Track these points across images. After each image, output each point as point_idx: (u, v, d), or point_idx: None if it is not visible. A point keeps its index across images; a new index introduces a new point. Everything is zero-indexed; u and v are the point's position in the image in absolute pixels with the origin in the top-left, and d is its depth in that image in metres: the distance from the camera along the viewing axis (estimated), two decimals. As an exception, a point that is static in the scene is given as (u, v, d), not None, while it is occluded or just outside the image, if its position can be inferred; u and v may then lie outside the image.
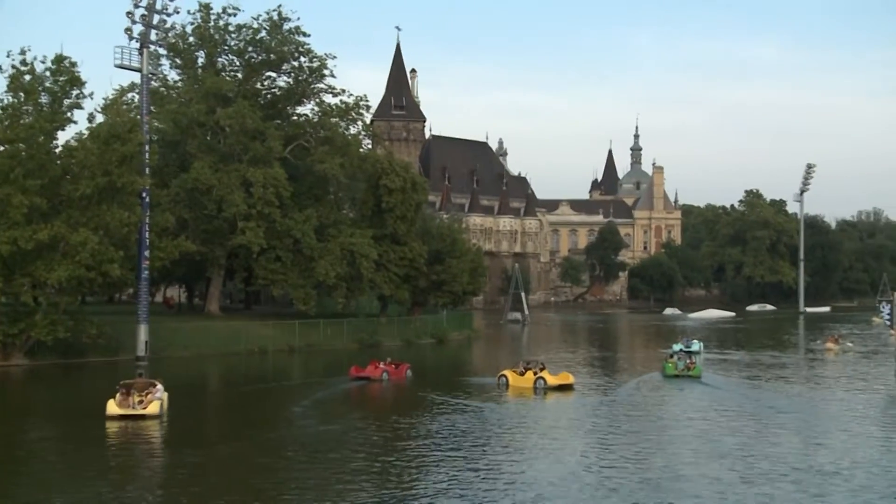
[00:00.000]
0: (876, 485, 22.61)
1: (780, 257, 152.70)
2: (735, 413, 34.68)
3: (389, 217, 65.23)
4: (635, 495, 21.41)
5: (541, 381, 39.41)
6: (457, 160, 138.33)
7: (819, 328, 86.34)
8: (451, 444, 27.54)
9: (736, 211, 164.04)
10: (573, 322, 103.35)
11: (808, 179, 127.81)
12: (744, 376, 46.94)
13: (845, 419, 33.18)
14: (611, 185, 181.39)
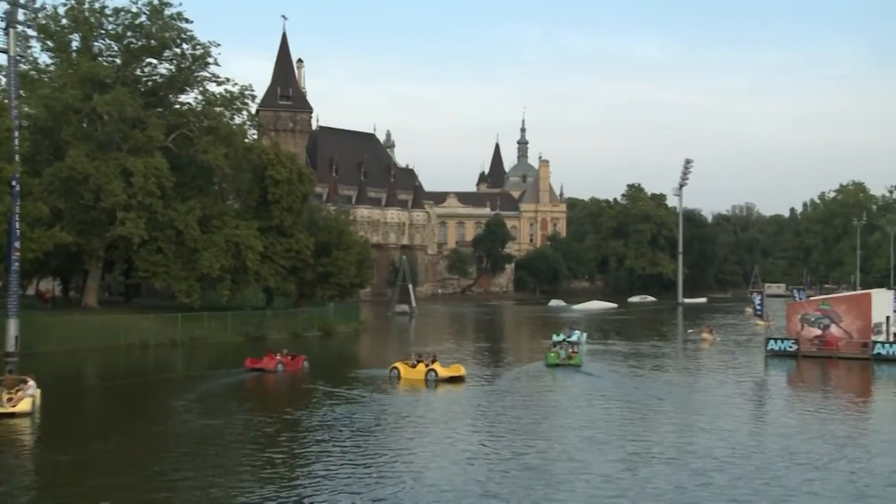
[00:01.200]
0: (747, 466, 23.62)
1: (660, 250, 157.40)
2: (615, 400, 35.67)
3: (275, 208, 64.31)
4: (521, 483, 21.73)
5: (432, 372, 39.55)
6: (344, 151, 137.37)
7: (696, 319, 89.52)
8: (338, 436, 27.41)
9: (619, 204, 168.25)
10: (460, 314, 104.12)
11: (686, 174, 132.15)
12: (624, 365, 48.24)
13: (719, 405, 34.55)
14: (498, 178, 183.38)
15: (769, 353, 51.58)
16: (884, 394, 40.33)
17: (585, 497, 20.61)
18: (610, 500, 20.41)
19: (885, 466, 24.01)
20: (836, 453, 25.36)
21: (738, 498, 20.50)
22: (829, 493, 21.03)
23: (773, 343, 52.28)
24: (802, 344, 51.16)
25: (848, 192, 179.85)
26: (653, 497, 20.61)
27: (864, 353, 49.48)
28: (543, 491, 21.08)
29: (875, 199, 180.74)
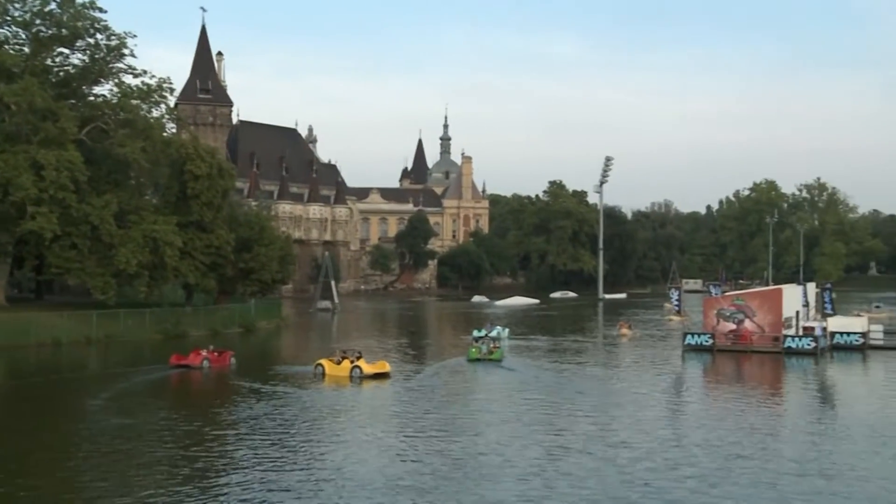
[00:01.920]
0: (666, 456, 24.12)
1: (581, 246, 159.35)
2: (536, 395, 36.04)
3: (195, 204, 63.16)
4: (446, 477, 21.77)
5: (357, 369, 39.49)
6: (266, 146, 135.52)
7: (616, 314, 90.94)
8: (262, 433, 27.19)
9: (541, 201, 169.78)
10: (383, 310, 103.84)
11: (606, 172, 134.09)
12: (544, 360, 48.75)
13: (638, 398, 35.19)
14: (421, 175, 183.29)
15: (686, 347, 52.67)
16: (794, 385, 41.57)
17: (510, 490, 20.75)
18: (534, 492, 20.58)
19: (796, 453, 24.79)
20: (751, 442, 26.09)
21: (659, 488, 20.89)
22: (746, 481, 21.62)
23: (689, 338, 53.39)
24: (718, 338, 52.38)
25: (761, 190, 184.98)
26: (576, 489, 20.86)
27: (775, 346, 50.95)
28: (468, 485, 21.16)
29: (786, 197, 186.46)
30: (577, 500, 20.00)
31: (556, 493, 20.57)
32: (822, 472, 22.75)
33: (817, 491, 21.10)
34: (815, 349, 49.82)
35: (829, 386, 41.24)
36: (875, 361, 49.20)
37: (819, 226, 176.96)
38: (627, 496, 20.33)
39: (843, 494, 20.66)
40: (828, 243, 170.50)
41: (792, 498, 20.38)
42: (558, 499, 20.14)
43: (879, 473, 22.64)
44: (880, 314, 79.60)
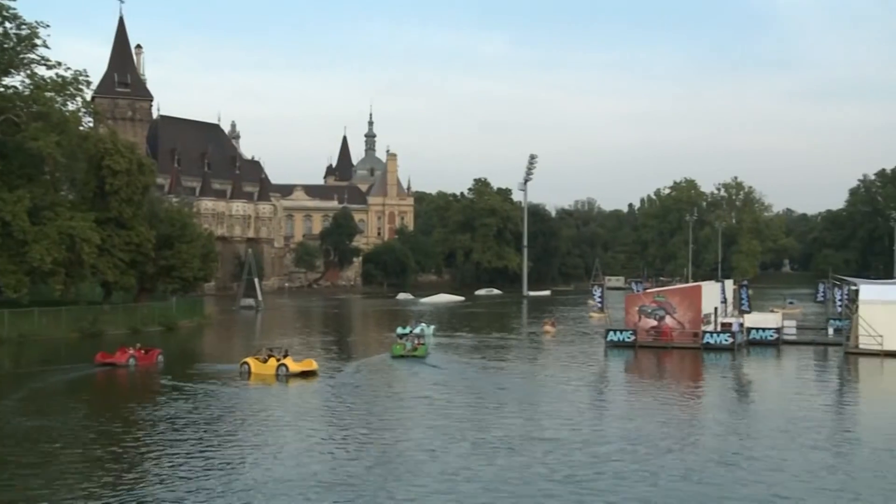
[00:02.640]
0: (589, 449, 24.44)
1: (505, 243, 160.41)
2: (460, 391, 36.24)
3: (114, 200, 61.69)
4: (372, 474, 21.67)
5: (283, 367, 39.15)
6: (187, 142, 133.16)
7: (540, 311, 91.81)
8: (185, 432, 26.82)
9: (466, 199, 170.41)
10: (308, 308, 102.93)
11: (531, 170, 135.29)
12: (469, 357, 48.99)
13: (561, 393, 35.59)
14: (345, 171, 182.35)
15: (609, 343, 53.43)
16: (713, 380, 42.51)
17: (436, 486, 20.75)
18: (459, 487, 20.63)
19: (716, 444, 25.37)
20: (672, 435, 26.61)
21: (583, 480, 21.14)
22: (667, 472, 22.06)
23: (612, 334, 54.14)
24: (640, 334, 53.26)
25: (681, 189, 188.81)
26: (502, 483, 20.95)
27: (695, 342, 52.05)
28: (393, 482, 21.09)
29: (705, 196, 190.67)
30: (502, 495, 20.10)
31: (482, 488, 20.65)
32: (741, 463, 23.36)
33: (738, 480, 21.66)
34: (733, 345, 51.09)
35: (746, 380, 42.33)
36: (788, 356, 50.70)
37: (736, 224, 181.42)
38: (552, 489, 20.52)
39: (764, 483, 21.21)
40: (744, 241, 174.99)
41: (713, 487, 20.84)
42: (484, 494, 20.21)
43: (795, 463, 23.31)
44: (793, 310, 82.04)
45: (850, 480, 21.84)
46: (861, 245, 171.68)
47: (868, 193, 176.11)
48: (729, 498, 20.13)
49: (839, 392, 38.83)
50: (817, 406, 33.51)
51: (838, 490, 20.79)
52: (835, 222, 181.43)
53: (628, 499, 19.92)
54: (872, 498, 20.17)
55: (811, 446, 25.58)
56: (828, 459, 24.13)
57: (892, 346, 47.59)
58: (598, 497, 20.04)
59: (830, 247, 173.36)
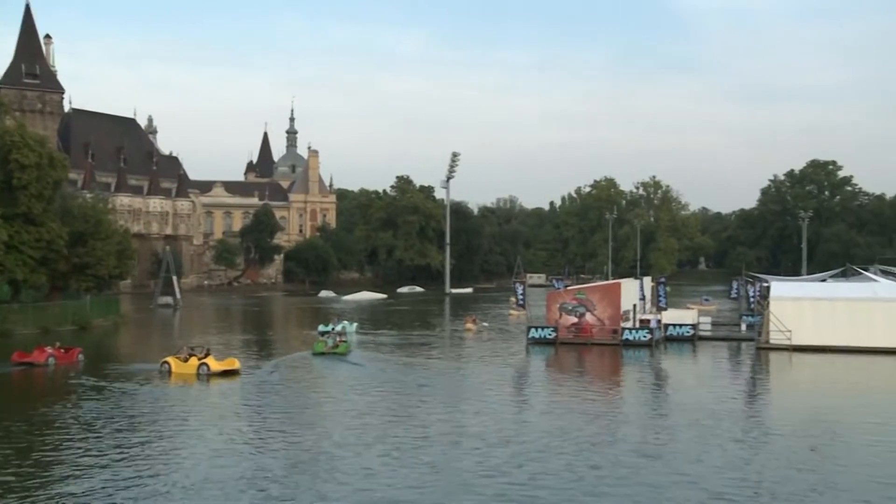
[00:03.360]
0: (509, 444, 24.61)
1: (428, 241, 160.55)
2: (382, 388, 36.15)
3: (22, 195, 59.57)
4: (294, 474, 21.45)
5: (204, 366, 38.53)
6: (101, 136, 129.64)
7: (462, 308, 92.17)
8: (101, 432, 26.26)
9: (388, 196, 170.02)
10: (228, 306, 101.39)
11: (453, 167, 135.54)
12: (391, 354, 48.93)
13: (483, 390, 35.76)
14: (266, 168, 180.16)
15: (530, 340, 53.86)
16: (631, 375, 43.24)
17: (358, 484, 20.62)
18: (381, 485, 20.55)
19: (637, 438, 25.82)
20: (593, 429, 26.99)
21: (506, 476, 21.23)
22: (590, 466, 22.37)
23: (533, 331, 54.60)
24: (560, 331, 53.84)
25: (601, 187, 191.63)
26: (426, 480, 20.93)
27: (614, 339, 52.85)
28: (316, 481, 20.90)
29: (624, 194, 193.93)
30: (426, 492, 20.08)
31: (406, 485, 20.60)
32: (662, 455, 23.85)
33: (659, 472, 22.12)
34: (651, 341, 52.04)
35: (664, 375, 43.15)
36: (703, 351, 51.91)
37: (654, 222, 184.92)
38: (476, 485, 20.58)
39: (684, 474, 21.71)
40: (662, 239, 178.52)
41: (636, 480, 21.21)
42: (408, 491, 20.17)
43: (713, 454, 23.85)
44: (709, 307, 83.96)
45: (764, 470, 22.45)
46: (772, 243, 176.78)
47: (778, 193, 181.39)
48: (652, 489, 20.47)
49: (751, 385, 40.00)
50: (731, 399, 34.36)
51: (754, 479, 21.33)
52: (747, 221, 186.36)
53: (552, 492, 20.10)
54: (783, 486, 20.75)
55: (727, 438, 26.28)
56: (743, 450, 24.80)
57: (801, 340, 49.13)
58: (521, 492, 20.16)
59: (743, 245, 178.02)
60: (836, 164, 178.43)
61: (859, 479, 21.65)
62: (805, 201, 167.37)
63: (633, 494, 20.12)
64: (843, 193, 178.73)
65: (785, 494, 20.11)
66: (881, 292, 52.22)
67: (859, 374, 42.49)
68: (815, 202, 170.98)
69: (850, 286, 56.80)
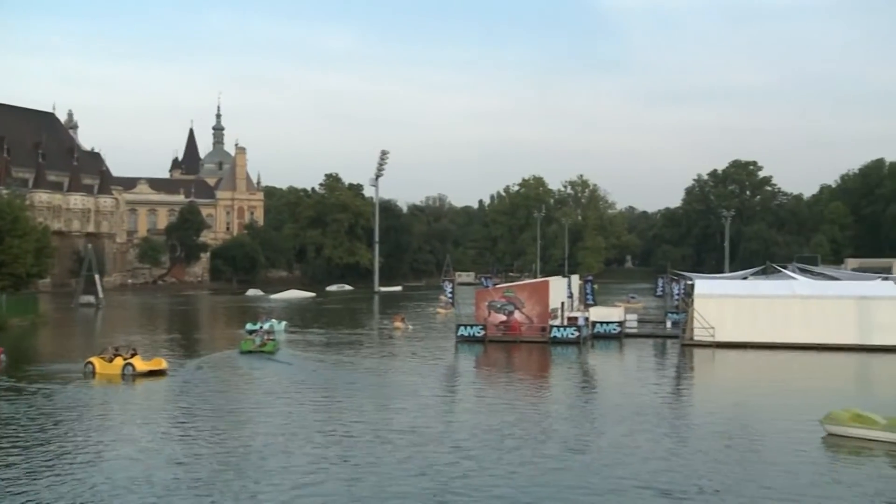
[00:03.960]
0: (439, 442, 24.63)
1: (357, 239, 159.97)
2: (310, 387, 35.92)
3: (-66, 190, 57.67)
4: (221, 476, 21.10)
5: (129, 367, 37.73)
6: (18, 131, 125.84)
7: (392, 306, 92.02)
8: (18, 435, 25.37)
9: (317, 194, 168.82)
10: (153, 304, 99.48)
11: (382, 165, 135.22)
12: (320, 353, 48.65)
13: (412, 388, 35.77)
14: (192, 165, 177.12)
15: (459, 338, 54.00)
16: (559, 373, 43.69)
17: (288, 485, 20.39)
18: (311, 484, 20.38)
19: (567, 434, 26.05)
20: (523, 426, 27.17)
21: (437, 473, 21.23)
22: (521, 462, 22.49)
23: (462, 329, 54.75)
24: (489, 329, 54.09)
25: (529, 186, 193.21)
26: (355, 479, 20.79)
27: (542, 336, 53.29)
28: (245, 482, 20.61)
29: (552, 193, 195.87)
30: (356, 489, 19.97)
31: (335, 485, 20.47)
32: (592, 450, 24.16)
33: (589, 466, 22.43)
34: (579, 338, 52.64)
35: (592, 372, 43.70)
36: (630, 348, 52.73)
37: (582, 221, 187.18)
38: (406, 484, 20.52)
39: (615, 467, 22.00)
40: (590, 237, 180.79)
41: (568, 475, 21.44)
42: (335, 490, 20.02)
43: (642, 449, 24.21)
44: (635, 304, 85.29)
45: (690, 461, 22.92)
46: (696, 241, 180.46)
47: (702, 192, 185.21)
48: (583, 484, 20.69)
49: (676, 381, 40.77)
50: (657, 394, 34.95)
51: (680, 472, 21.72)
52: (672, 220, 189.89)
53: (483, 489, 20.14)
54: (709, 477, 21.21)
55: (655, 432, 26.73)
56: (669, 443, 25.30)
57: (723, 337, 50.25)
58: (452, 489, 20.16)
59: (668, 243, 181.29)
60: (756, 165, 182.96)
61: (774, 472, 22.21)
62: (727, 200, 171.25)
63: (564, 489, 20.29)
64: (764, 193, 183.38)
65: (713, 485, 20.54)
66: (799, 290, 53.73)
67: (778, 369, 43.64)
68: (738, 201, 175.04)
69: (770, 284, 58.29)
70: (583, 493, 20.12)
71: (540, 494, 19.97)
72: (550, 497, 19.80)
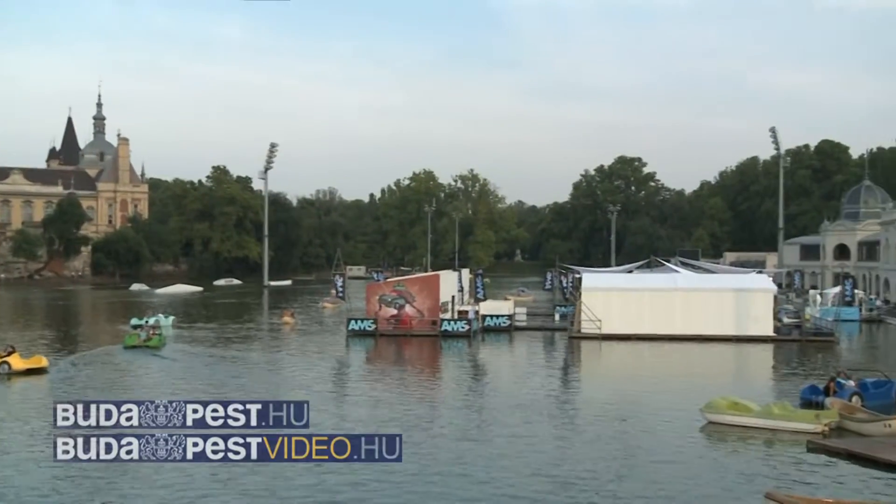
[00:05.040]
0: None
1: (246, 233, 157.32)
2: (197, 383, 35.39)
3: None
4: (96, 479, 20.40)
5: (4, 365, 36.19)
6: None
7: (282, 301, 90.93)
8: None
9: (203, 186, 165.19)
10: (28, 300, 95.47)
11: (271, 158, 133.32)
12: (207, 348, 47.74)
13: (301, 383, 35.56)
14: (72, 155, 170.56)
15: (350, 332, 53.76)
16: (451, 366, 44.02)
17: (166, 482, 19.94)
18: (195, 479, 20.00)
19: (459, 425, 26.30)
20: (417, 418, 27.27)
21: (329, 468, 21.01)
22: (416, 454, 22.40)
23: (353, 323, 54.52)
24: (380, 323, 54.01)
25: (420, 180, 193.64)
26: (243, 475, 20.42)
27: (433, 330, 53.56)
28: (124, 481, 20.04)
29: (443, 187, 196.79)
30: (242, 487, 19.66)
31: (217, 480, 20.10)
32: (486, 440, 24.50)
33: (481, 455, 22.79)
34: (469, 332, 53.11)
35: (482, 364, 44.19)
36: (520, 341, 53.55)
37: (472, 215, 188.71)
38: (294, 478, 20.34)
39: (509, 459, 22.27)
40: (480, 231, 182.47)
41: (465, 466, 21.62)
42: (221, 487, 19.67)
43: (534, 439, 24.62)
44: (525, 298, 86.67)
45: (581, 450, 23.49)
46: (583, 235, 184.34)
47: (589, 187, 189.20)
48: (478, 473, 20.88)
49: (564, 373, 41.63)
50: (547, 386, 35.58)
51: (572, 459, 22.16)
52: (560, 214, 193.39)
53: (378, 482, 20.10)
54: (601, 464, 21.72)
55: (543, 421, 27.40)
56: (560, 433, 25.94)
57: (610, 329, 51.57)
58: (344, 480, 20.05)
59: (557, 237, 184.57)
60: (641, 161, 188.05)
61: (660, 459, 22.92)
62: (613, 196, 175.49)
63: (459, 479, 20.45)
64: (648, 189, 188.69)
65: (598, 472, 21.05)
66: (681, 283, 55.52)
67: (661, 360, 45.08)
68: (623, 196, 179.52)
69: (653, 277, 60.04)
70: (476, 482, 20.32)
71: (433, 485, 20.05)
72: (446, 485, 19.92)
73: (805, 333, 53.34)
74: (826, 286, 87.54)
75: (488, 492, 19.82)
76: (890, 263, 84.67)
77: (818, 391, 30.45)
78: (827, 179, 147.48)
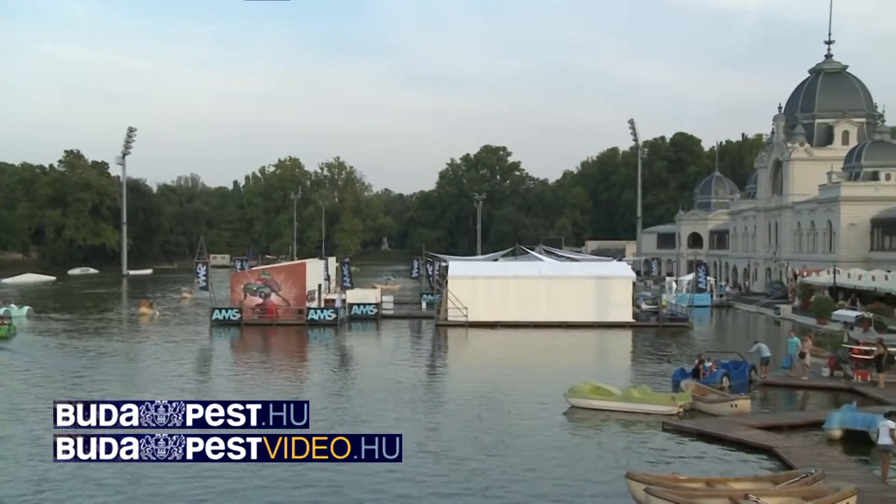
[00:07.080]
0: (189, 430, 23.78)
1: (103, 220, 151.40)
2: (51, 376, 34.02)
3: None
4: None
5: None
6: None
7: (142, 290, 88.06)
8: None
9: (56, 171, 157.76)
10: None
11: (129, 143, 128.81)
12: (61, 340, 45.89)
13: (166, 374, 34.66)
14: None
15: (214, 322, 52.62)
16: (318, 354, 43.71)
17: (22, 475, 18.99)
18: (49, 472, 19.17)
19: (321, 409, 26.00)
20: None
21: (210, 468, 20.49)
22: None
23: (217, 312, 53.38)
24: (245, 313, 53.11)
25: (286, 167, 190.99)
26: (109, 470, 19.62)
27: (299, 319, 53.04)
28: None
29: (309, 174, 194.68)
30: (125, 481, 18.98)
31: (79, 478, 19.30)
32: (351, 426, 24.31)
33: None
34: (336, 320, 52.88)
35: (349, 352, 44.04)
36: (387, 329, 53.69)
37: (339, 203, 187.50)
38: (163, 476, 19.70)
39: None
40: (347, 220, 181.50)
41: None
42: (87, 487, 18.89)
43: (403, 424, 24.63)
44: (392, 286, 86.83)
45: (443, 430, 23.91)
46: (450, 224, 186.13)
47: (455, 176, 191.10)
48: (343, 469, 20.76)
49: (431, 360, 41.92)
50: (414, 373, 35.77)
51: (444, 442, 22.38)
52: (427, 203, 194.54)
53: (246, 473, 19.71)
54: (465, 446, 22.04)
55: (411, 406, 27.70)
56: (425, 415, 26.42)
57: (476, 317, 52.31)
58: (214, 474, 19.58)
59: (424, 226, 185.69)
60: (506, 150, 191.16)
61: (526, 443, 23.45)
62: (479, 184, 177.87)
63: (332, 465, 20.32)
64: (513, 178, 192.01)
65: (467, 455, 21.35)
66: (545, 270, 56.81)
67: (526, 346, 46.02)
68: (488, 185, 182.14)
69: (518, 265, 61.21)
70: (339, 471, 20.23)
71: (311, 474, 19.86)
72: (319, 473, 19.77)
73: (662, 319, 55.61)
74: (681, 273, 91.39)
75: (350, 478, 19.73)
76: (738, 252, 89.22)
77: (687, 374, 31.86)
78: (681, 170, 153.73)
